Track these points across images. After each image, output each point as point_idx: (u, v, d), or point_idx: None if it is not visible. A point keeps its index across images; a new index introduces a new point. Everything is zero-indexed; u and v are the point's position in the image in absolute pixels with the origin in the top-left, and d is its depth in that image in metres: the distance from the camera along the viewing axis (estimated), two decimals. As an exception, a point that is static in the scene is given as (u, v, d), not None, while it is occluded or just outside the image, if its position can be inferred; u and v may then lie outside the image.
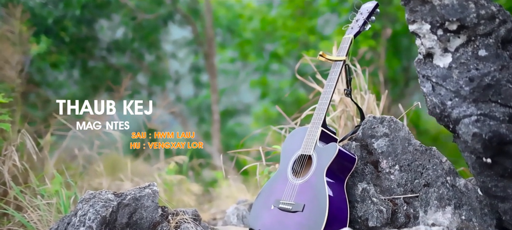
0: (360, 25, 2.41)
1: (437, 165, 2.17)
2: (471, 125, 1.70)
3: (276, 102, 11.29)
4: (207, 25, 8.81)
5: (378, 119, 2.37)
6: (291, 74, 10.98)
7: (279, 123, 13.19)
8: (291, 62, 10.82)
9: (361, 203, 2.20)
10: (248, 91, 11.85)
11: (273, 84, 11.26)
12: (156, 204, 2.36)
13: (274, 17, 8.18)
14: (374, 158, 2.31)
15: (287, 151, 2.38)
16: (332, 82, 2.35)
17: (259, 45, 9.66)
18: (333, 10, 7.54)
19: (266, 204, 2.30)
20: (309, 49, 9.67)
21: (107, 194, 2.29)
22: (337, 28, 8.41)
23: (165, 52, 9.81)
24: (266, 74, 11.05)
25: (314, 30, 8.70)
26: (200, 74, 9.82)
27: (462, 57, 1.76)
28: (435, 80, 1.82)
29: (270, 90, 11.18)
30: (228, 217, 2.85)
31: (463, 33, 1.75)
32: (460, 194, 2.10)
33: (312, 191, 2.15)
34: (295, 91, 11.04)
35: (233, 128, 11.05)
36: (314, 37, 7.03)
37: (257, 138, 11.02)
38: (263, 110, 11.52)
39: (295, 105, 11.20)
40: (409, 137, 2.27)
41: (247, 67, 11.40)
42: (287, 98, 11.16)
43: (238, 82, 11.56)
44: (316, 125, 2.29)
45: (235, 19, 8.50)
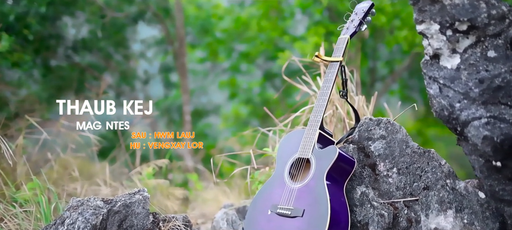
0: (355, 26, 2.38)
1: (436, 168, 2.16)
2: (481, 127, 1.70)
3: (245, 103, 11.26)
4: (178, 24, 8.67)
5: (374, 120, 2.35)
6: (260, 74, 10.95)
7: (249, 124, 13.20)
8: (261, 63, 10.79)
9: (360, 207, 2.17)
10: (217, 92, 11.75)
11: (242, 85, 11.21)
12: (147, 210, 2.27)
13: (247, 17, 8.13)
14: (371, 160, 2.29)
15: (283, 154, 2.32)
16: (329, 83, 2.31)
17: (230, 45, 9.59)
18: (305, 10, 7.55)
19: (262, 209, 2.24)
20: (282, 49, 9.68)
21: (95, 200, 2.18)
22: (308, 28, 8.43)
23: (134, 52, 9.61)
24: (236, 75, 10.99)
25: (283, 31, 8.68)
26: (170, 74, 9.67)
27: (471, 58, 1.75)
28: (443, 82, 1.80)
29: (239, 91, 11.13)
30: (217, 222, 2.77)
31: (473, 34, 1.74)
32: (460, 197, 2.10)
33: (312, 195, 2.11)
34: (263, 92, 11.02)
35: (203, 129, 10.94)
36: (289, 38, 7.00)
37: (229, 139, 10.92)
38: (233, 111, 11.45)
39: (263, 106, 11.19)
40: (406, 139, 2.26)
41: (216, 67, 11.31)
42: (256, 99, 11.13)
43: (207, 83, 11.46)
44: (313, 127, 2.25)
45: (208, 19, 8.39)
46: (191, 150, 8.55)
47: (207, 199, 4.22)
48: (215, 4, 9.56)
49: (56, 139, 3.86)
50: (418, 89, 9.99)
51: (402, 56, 9.03)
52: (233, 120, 11.57)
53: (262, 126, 11.81)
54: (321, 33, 6.47)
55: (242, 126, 11.17)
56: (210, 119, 11.55)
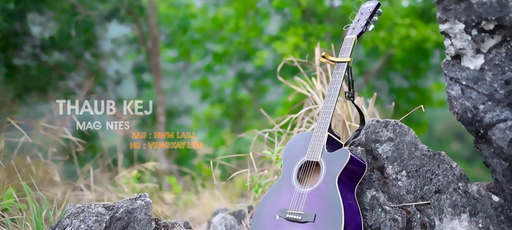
0: (362, 26, 2.34)
1: (448, 171, 2.15)
2: (508, 130, 1.68)
3: (217, 104, 11.16)
4: (152, 23, 8.50)
5: (382, 122, 2.32)
6: (233, 74, 10.88)
7: (221, 125, 13.07)
8: (234, 63, 10.70)
9: (370, 211, 2.13)
10: (189, 93, 11.60)
11: (214, 85, 11.11)
12: (149, 216, 2.17)
13: (224, 16, 8.04)
14: (379, 163, 2.26)
15: (290, 157, 2.26)
16: (337, 84, 2.27)
17: (205, 45, 9.48)
18: (282, 10, 7.53)
19: (269, 214, 2.18)
20: (255, 50, 9.63)
21: (97, 207, 2.07)
22: (283, 29, 8.39)
23: (104, 51, 9.38)
24: (208, 75, 10.88)
25: (261, 31, 8.64)
26: (143, 74, 9.47)
27: (496, 58, 1.73)
28: (465, 83, 1.78)
29: (211, 92, 11.02)
30: (214, 227, 2.69)
31: (499, 34, 1.72)
32: (474, 201, 2.09)
33: (324, 199, 2.06)
34: (235, 93, 10.95)
35: (175, 130, 10.78)
36: (267, 38, 6.96)
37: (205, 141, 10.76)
38: (206, 112, 11.34)
39: (235, 106, 11.13)
40: (415, 142, 2.24)
41: (189, 67, 11.17)
42: (228, 99, 11.05)
43: (179, 83, 11.30)
44: (322, 130, 2.20)
45: (186, 18, 8.26)
46: (165, 152, 8.39)
47: (194, 203, 4.13)
48: (188, 3, 9.44)
49: (35, 141, 3.68)
50: (386, 90, 10.13)
51: (371, 58, 9.13)
52: (204, 121, 11.46)
53: (234, 127, 11.80)
54: (300, 33, 6.46)
55: (214, 127, 11.07)
56: (181, 120, 11.40)
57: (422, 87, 9.35)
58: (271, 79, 10.36)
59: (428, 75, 9.44)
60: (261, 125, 10.12)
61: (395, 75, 9.58)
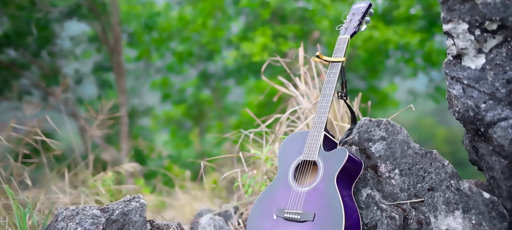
0: (355, 26, 2.39)
1: (440, 168, 2.22)
2: (510, 128, 1.75)
3: (178, 104, 11.03)
4: (114, 21, 8.32)
5: (374, 121, 2.37)
6: (195, 74, 10.79)
7: (182, 125, 12.92)
8: (196, 63, 10.62)
9: (366, 209, 2.17)
10: (149, 93, 11.43)
11: (175, 85, 11.00)
12: (144, 218, 2.13)
13: (191, 15, 7.97)
14: (372, 162, 2.30)
15: (286, 156, 2.27)
16: (332, 84, 2.30)
17: (168, 45, 9.35)
18: (253, 10, 7.53)
19: (266, 214, 2.18)
20: (217, 50, 9.59)
21: (92, 209, 2.01)
22: (250, 29, 8.39)
23: (63, 49, 9.10)
24: (169, 75, 10.76)
25: (223, 30, 8.61)
26: (105, 73, 9.25)
27: (497, 58, 1.80)
28: (467, 82, 1.84)
29: (172, 92, 10.90)
30: (203, 227, 2.66)
31: (500, 34, 1.79)
32: (466, 198, 2.16)
33: (323, 198, 2.08)
34: (197, 92, 10.86)
35: (136, 131, 10.59)
36: (236, 38, 6.96)
37: (167, 143, 10.60)
38: (166, 112, 11.20)
39: (196, 107, 11.05)
40: (408, 140, 2.29)
41: (150, 67, 11.00)
42: (189, 99, 10.95)
43: (140, 83, 11.12)
44: (318, 129, 2.22)
45: (152, 17, 8.13)
46: (127, 153, 8.23)
47: (167, 205, 4.07)
48: (150, 1, 9.29)
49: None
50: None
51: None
52: (163, 122, 11.32)
53: (194, 128, 11.66)
54: (268, 34, 6.49)
55: (174, 127, 10.94)
56: (142, 120, 11.21)
57: (378, 88, 9.58)
58: (234, 79, 10.34)
59: (383, 77, 9.69)
60: (224, 125, 10.08)
61: (354, 77, 9.77)
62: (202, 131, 10.99)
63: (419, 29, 7.80)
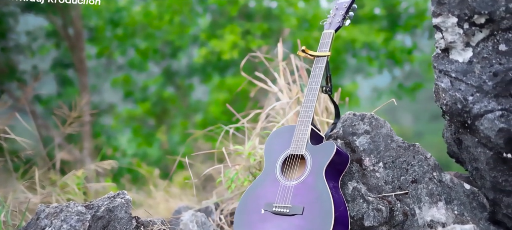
0: (339, 21, 2.41)
1: (423, 161, 2.27)
2: (496, 120, 1.82)
3: (141, 102, 10.86)
4: (75, 16, 8.10)
5: (358, 115, 2.41)
6: (158, 72, 10.64)
7: (145, 122, 12.69)
8: (159, 60, 10.48)
9: (352, 202, 2.20)
10: (110, 91, 11.19)
11: (138, 83, 10.81)
12: (129, 215, 2.09)
13: (157, 11, 7.85)
14: (357, 155, 2.34)
15: (272, 151, 2.28)
16: (318, 78, 2.32)
17: (132, 41, 9.18)
18: (221, 7, 7.49)
19: (254, 209, 2.18)
20: (179, 48, 9.50)
21: (76, 206, 1.96)
22: (208, 26, 8.32)
23: (18, 44, 8.79)
24: (131, 72, 10.57)
25: (189, 28, 8.53)
26: (65, 70, 8.98)
27: (483, 51, 1.87)
28: (455, 75, 1.90)
29: (135, 89, 10.72)
30: (185, 225, 2.62)
31: (487, 28, 1.85)
32: (448, 189, 2.23)
33: (312, 192, 2.09)
34: (160, 90, 10.72)
35: (98, 130, 10.35)
36: (205, 35, 6.91)
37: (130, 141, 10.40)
38: (128, 111, 11.00)
39: (160, 105, 10.91)
40: (391, 134, 2.34)
41: (111, 64, 10.77)
42: (152, 97, 10.79)
43: (101, 81, 10.87)
44: (305, 123, 2.24)
45: (119, 11, 7.96)
46: (90, 152, 8.04)
47: (137, 203, 3.99)
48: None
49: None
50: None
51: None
52: (125, 120, 11.11)
53: (158, 126, 11.51)
54: (237, 31, 6.49)
55: (136, 125, 10.76)
56: (103, 119, 10.96)
57: (341, 86, 9.74)
58: (198, 77, 10.27)
59: (345, 75, 9.87)
60: (190, 124, 10.00)
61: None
62: (167, 129, 10.87)
63: (383, 28, 7.99)
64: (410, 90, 8.11)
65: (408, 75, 8.46)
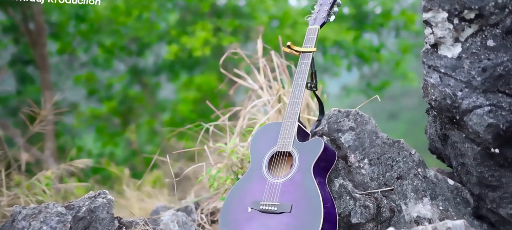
0: (324, 16, 2.41)
1: (407, 157, 2.29)
2: (485, 115, 1.84)
3: (105, 101, 10.63)
4: (36, 10, 7.83)
5: (343, 112, 2.41)
6: (124, 70, 10.44)
7: (110, 121, 12.45)
8: (125, 57, 10.29)
9: (338, 199, 2.20)
10: (72, 88, 10.92)
11: (102, 81, 10.59)
12: (111, 215, 2.02)
13: (125, 6, 7.68)
14: (342, 152, 2.34)
15: (258, 148, 2.25)
16: (304, 74, 2.30)
17: (97, 37, 8.95)
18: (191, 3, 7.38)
19: (240, 207, 2.14)
20: (146, 44, 9.34)
21: (55, 207, 1.88)
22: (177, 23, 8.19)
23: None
24: (95, 70, 10.33)
25: (157, 24, 8.40)
26: (25, 67, 8.68)
27: (472, 47, 1.89)
28: (444, 71, 1.92)
29: (99, 88, 10.49)
30: (165, 225, 2.56)
31: (476, 23, 1.88)
32: (433, 185, 2.26)
33: (300, 189, 2.08)
34: (125, 89, 10.53)
35: (60, 130, 10.06)
36: (176, 31, 6.80)
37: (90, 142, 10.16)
38: (91, 110, 10.75)
39: (125, 103, 10.70)
40: (376, 130, 2.35)
41: (73, 61, 10.50)
42: (117, 96, 10.58)
43: (63, 79, 10.58)
44: (292, 120, 2.22)
45: (84, 6, 7.73)
46: (53, 154, 7.80)
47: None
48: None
49: None
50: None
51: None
52: (88, 119, 10.86)
53: (123, 125, 11.29)
54: (208, 28, 6.43)
55: (100, 125, 10.53)
56: (64, 118, 10.66)
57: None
58: (166, 75, 10.13)
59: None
60: (157, 123, 9.85)
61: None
62: (135, 128, 10.67)
63: (351, 27, 8.08)
64: (378, 88, 8.24)
65: (375, 73, 8.60)
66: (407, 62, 8.56)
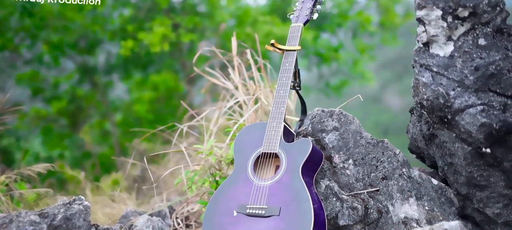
0: (307, 14, 2.38)
1: (392, 157, 2.30)
2: (478, 114, 1.86)
3: (51, 101, 10.23)
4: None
5: (327, 112, 2.39)
6: (72, 68, 10.09)
7: (58, 123, 12.03)
8: (74, 55, 9.93)
9: (324, 201, 2.17)
10: (16, 88, 10.45)
11: (48, 79, 10.19)
12: (88, 223, 1.91)
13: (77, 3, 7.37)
14: (327, 153, 2.32)
15: (243, 150, 2.19)
16: (288, 73, 2.26)
17: (45, 33, 8.58)
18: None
19: (225, 211, 2.08)
20: (96, 41, 9.05)
21: (28, 215, 1.74)
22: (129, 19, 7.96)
23: None
24: (40, 68, 9.93)
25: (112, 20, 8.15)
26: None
27: (464, 46, 1.90)
28: (436, 70, 1.92)
29: (45, 87, 10.09)
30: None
31: (469, 21, 1.89)
32: (417, 185, 2.27)
33: (288, 192, 2.03)
34: (74, 88, 10.18)
35: (3, 132, 9.57)
36: (132, 27, 6.60)
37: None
38: (36, 110, 10.32)
39: (74, 103, 10.34)
40: (360, 130, 2.34)
41: (16, 59, 10.04)
42: (64, 96, 10.21)
43: (4, 77, 10.10)
44: (278, 120, 2.17)
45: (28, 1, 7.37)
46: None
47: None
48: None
49: None
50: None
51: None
52: (32, 121, 10.42)
53: (71, 126, 10.92)
54: (166, 23, 6.29)
55: (46, 126, 10.13)
56: (6, 119, 10.16)
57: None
58: (118, 74, 9.86)
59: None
60: (110, 123, 9.56)
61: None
62: (79, 129, 10.32)
63: (310, 27, 8.14)
64: (337, 88, 8.34)
65: (334, 73, 8.70)
66: (364, 62, 8.72)
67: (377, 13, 9.56)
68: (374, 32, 9.02)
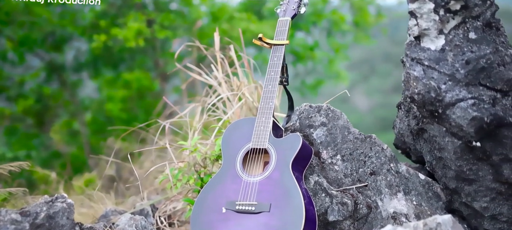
0: (294, 8, 2.37)
1: (380, 152, 2.30)
2: (469, 108, 1.87)
3: (16, 100, 9.97)
4: None
5: (314, 107, 2.38)
6: (39, 65, 9.85)
7: (24, 122, 11.78)
8: (41, 52, 9.70)
9: (314, 196, 2.16)
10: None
11: (12, 77, 9.93)
12: (72, 221, 1.85)
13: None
14: (315, 148, 2.31)
15: (231, 145, 2.16)
16: (277, 68, 2.25)
17: (7, 29, 8.33)
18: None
19: (214, 208, 2.05)
20: (65, 38, 8.86)
21: (9, 213, 1.68)
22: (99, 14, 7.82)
23: None
24: (3, 65, 9.66)
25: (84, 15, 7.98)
26: None
27: (455, 39, 1.92)
28: (428, 64, 1.93)
29: (8, 85, 9.82)
30: (122, 229, 2.40)
31: (460, 15, 1.91)
32: (405, 180, 2.28)
33: (278, 187, 2.01)
34: (40, 87, 9.95)
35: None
36: (105, 22, 6.46)
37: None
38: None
39: (41, 102, 10.10)
40: (348, 125, 2.35)
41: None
42: (29, 94, 9.97)
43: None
44: (267, 115, 2.15)
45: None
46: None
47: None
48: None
49: None
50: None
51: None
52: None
53: (37, 125, 10.68)
54: (141, 19, 6.19)
55: (16, 125, 9.88)
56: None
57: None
58: (87, 72, 9.68)
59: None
60: (79, 122, 9.36)
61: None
62: (46, 129, 10.08)
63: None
64: (313, 87, 8.38)
65: (309, 72, 8.74)
66: (338, 61, 8.78)
67: (350, 13, 9.64)
68: (348, 31, 9.10)
